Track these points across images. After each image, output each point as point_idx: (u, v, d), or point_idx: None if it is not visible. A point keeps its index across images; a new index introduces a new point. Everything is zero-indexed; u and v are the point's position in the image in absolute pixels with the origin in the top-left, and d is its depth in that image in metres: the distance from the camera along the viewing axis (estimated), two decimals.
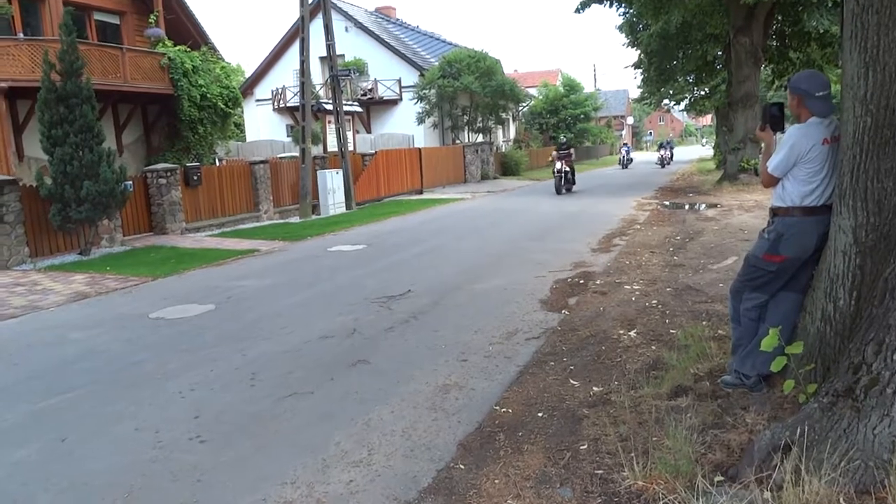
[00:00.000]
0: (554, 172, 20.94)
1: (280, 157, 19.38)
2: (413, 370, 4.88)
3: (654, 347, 4.96)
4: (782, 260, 3.62)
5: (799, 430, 2.77)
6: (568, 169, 20.84)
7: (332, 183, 17.91)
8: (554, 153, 21.62)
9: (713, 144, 45.60)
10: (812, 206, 3.53)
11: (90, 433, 4.03)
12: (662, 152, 38.48)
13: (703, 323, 5.35)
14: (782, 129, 3.84)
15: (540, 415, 3.94)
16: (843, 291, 3.24)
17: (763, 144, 3.87)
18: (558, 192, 20.17)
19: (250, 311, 7.04)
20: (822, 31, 21.03)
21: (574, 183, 21.44)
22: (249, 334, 6.10)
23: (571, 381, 4.45)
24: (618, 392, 4.08)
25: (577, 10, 18.98)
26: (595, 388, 4.26)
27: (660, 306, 6.17)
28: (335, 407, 4.26)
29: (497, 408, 4.11)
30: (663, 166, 36.61)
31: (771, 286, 3.74)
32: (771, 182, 3.69)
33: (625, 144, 41.50)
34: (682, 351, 4.66)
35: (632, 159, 39.24)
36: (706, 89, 32.34)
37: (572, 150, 22.68)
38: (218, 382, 4.82)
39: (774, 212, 3.70)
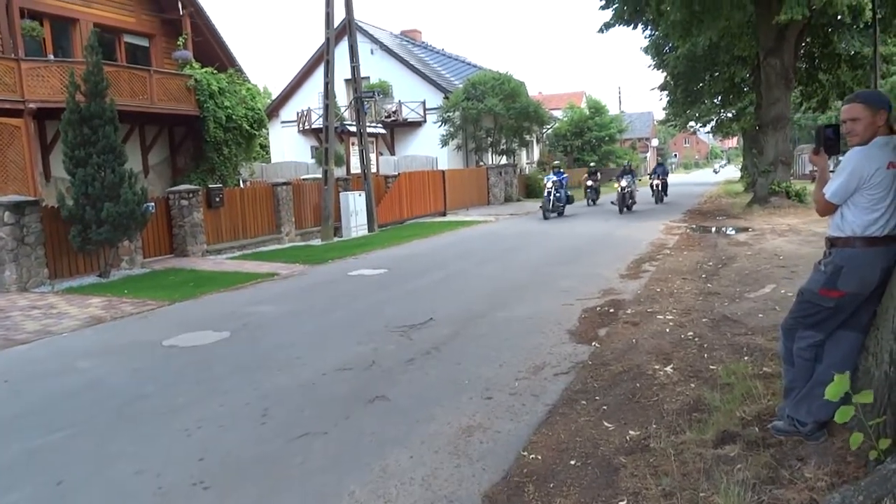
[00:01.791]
0: None
1: (303, 179, 19.31)
2: (434, 408, 4.56)
3: (693, 385, 4.59)
4: (841, 295, 3.29)
5: (876, 495, 2.42)
6: None
7: (355, 205, 17.76)
8: None
9: (740, 167, 44.81)
10: (875, 237, 3.21)
11: (87, 476, 3.75)
12: (625, 184, 20.93)
13: (745, 359, 4.99)
14: (838, 153, 3.53)
15: (572, 462, 3.60)
16: None
17: (817, 169, 3.55)
18: None
19: (266, 339, 6.78)
20: (852, 52, 20.68)
21: None
22: (263, 365, 5.82)
23: (605, 423, 4.11)
24: (657, 437, 3.74)
25: (601, 31, 18.78)
26: (632, 432, 3.91)
27: (696, 339, 5.80)
28: (349, 450, 3.95)
29: (525, 453, 3.77)
30: (624, 210, 20.79)
31: (828, 324, 3.39)
32: (827, 210, 3.38)
33: (592, 172, 25.95)
34: (725, 390, 4.31)
35: (588, 192, 24.84)
36: (733, 111, 31.94)
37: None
38: (226, 419, 4.54)
39: (832, 242, 3.37)
